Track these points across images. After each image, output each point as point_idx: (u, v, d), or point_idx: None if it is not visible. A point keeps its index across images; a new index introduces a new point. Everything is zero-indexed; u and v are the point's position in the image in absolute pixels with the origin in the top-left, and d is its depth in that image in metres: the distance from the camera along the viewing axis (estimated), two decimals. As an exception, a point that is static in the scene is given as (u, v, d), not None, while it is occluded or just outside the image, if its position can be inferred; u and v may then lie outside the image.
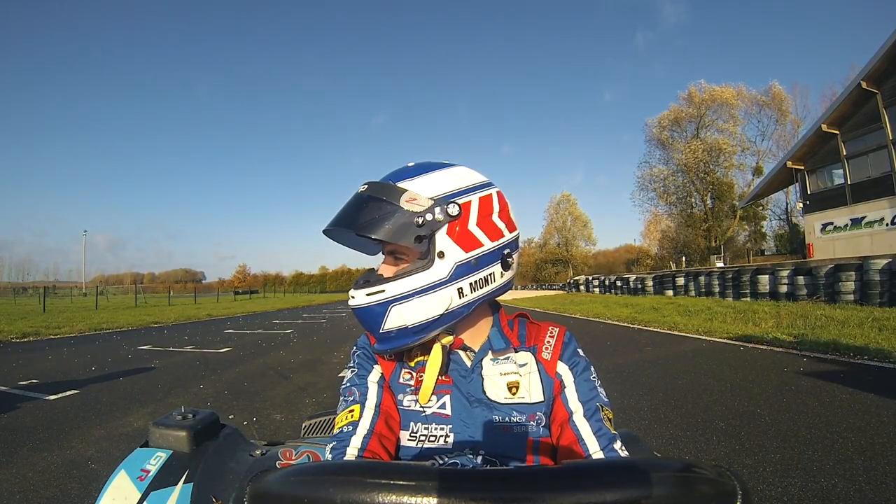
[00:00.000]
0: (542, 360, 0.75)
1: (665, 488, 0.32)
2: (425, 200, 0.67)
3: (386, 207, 0.67)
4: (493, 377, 0.74)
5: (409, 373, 0.76)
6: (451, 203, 0.68)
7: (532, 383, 0.74)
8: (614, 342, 7.52)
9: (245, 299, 38.20)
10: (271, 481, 0.35)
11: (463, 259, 0.68)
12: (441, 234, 0.67)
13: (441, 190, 0.69)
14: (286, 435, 3.12)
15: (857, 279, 9.69)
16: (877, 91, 15.13)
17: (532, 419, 0.71)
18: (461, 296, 0.68)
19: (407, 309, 0.67)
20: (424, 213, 0.66)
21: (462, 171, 0.73)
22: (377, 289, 0.68)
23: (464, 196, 0.70)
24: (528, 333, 0.80)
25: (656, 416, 3.36)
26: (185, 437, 0.90)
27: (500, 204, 0.73)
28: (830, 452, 2.51)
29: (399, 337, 0.69)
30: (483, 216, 0.70)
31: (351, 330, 10.85)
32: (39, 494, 2.28)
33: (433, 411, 0.72)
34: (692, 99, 36.01)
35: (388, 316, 0.68)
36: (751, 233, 38.12)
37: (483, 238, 0.70)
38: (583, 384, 0.73)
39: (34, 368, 5.80)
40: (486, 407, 0.72)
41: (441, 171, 0.72)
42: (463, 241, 0.68)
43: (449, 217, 0.67)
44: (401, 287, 0.67)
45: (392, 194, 0.67)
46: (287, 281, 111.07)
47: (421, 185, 0.69)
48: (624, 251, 59.97)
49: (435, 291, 0.67)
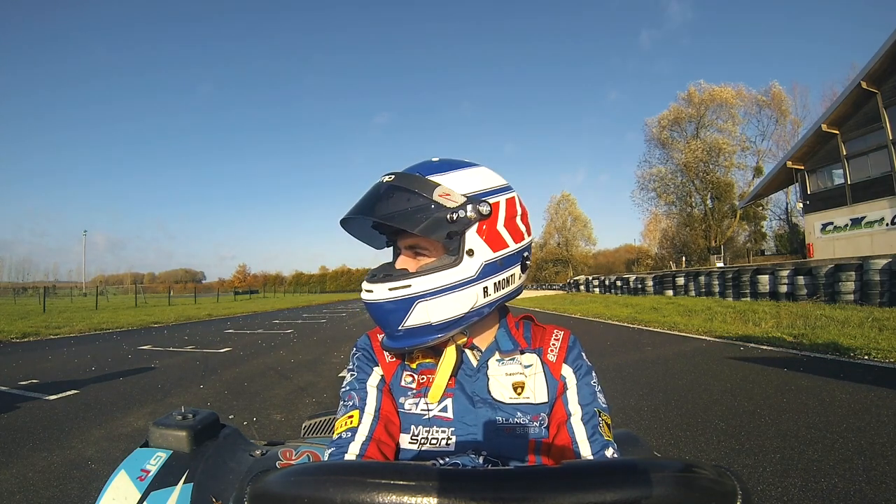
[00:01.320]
0: (548, 362, 0.76)
1: (665, 488, 0.32)
2: (458, 197, 0.67)
3: (418, 200, 0.65)
4: (498, 377, 0.74)
5: (411, 375, 0.75)
6: (483, 202, 0.68)
7: (538, 384, 0.74)
8: (614, 342, 7.51)
9: (245, 299, 38.22)
10: (271, 481, 0.35)
11: (491, 258, 0.68)
12: (471, 232, 0.67)
13: (473, 188, 0.69)
14: (286, 435, 3.12)
15: (857, 279, 9.69)
16: (877, 91, 15.13)
17: (536, 420, 0.71)
18: (485, 295, 0.68)
19: (434, 306, 0.66)
20: (457, 210, 0.66)
21: (487, 171, 0.73)
22: (402, 283, 0.66)
23: (493, 196, 0.70)
24: (533, 335, 0.80)
25: (656, 416, 3.36)
26: (185, 437, 0.89)
27: (522, 208, 0.74)
28: (830, 452, 2.50)
29: (420, 334, 0.68)
30: (509, 217, 0.71)
31: (351, 330, 10.85)
32: (39, 494, 2.28)
33: (434, 414, 0.71)
34: (692, 99, 36.04)
35: (413, 312, 0.66)
36: (751, 233, 38.11)
37: (509, 239, 0.70)
38: (584, 388, 0.74)
39: (34, 368, 5.81)
40: (490, 407, 0.71)
41: (469, 170, 0.71)
42: (492, 240, 0.68)
43: (480, 216, 0.67)
44: (429, 283, 0.66)
45: (425, 187, 0.66)
46: (287, 281, 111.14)
47: (453, 181, 0.68)
48: (624, 251, 59.95)
49: (463, 289, 0.67)
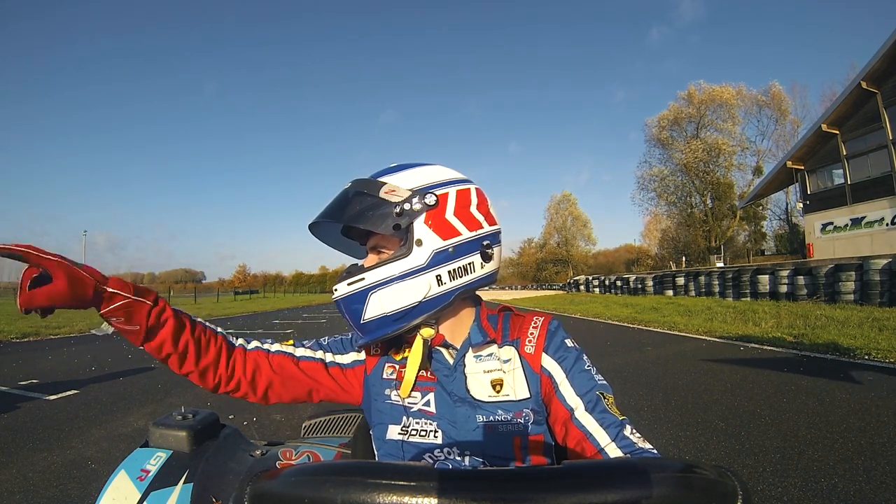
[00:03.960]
0: (526, 355, 0.74)
1: (665, 488, 0.32)
2: (404, 191, 0.70)
3: (367, 199, 0.70)
4: (476, 375, 0.73)
5: (393, 367, 0.78)
6: (429, 194, 0.70)
7: (517, 380, 0.73)
8: (614, 342, 7.51)
9: (245, 299, 38.19)
10: (271, 481, 0.35)
11: (440, 247, 0.70)
12: (419, 223, 0.69)
13: (419, 182, 0.72)
14: (286, 435, 3.12)
15: (857, 279, 9.70)
16: (877, 91, 15.12)
17: (518, 417, 0.70)
18: (440, 283, 0.70)
19: (385, 295, 0.69)
20: (403, 203, 0.69)
21: (440, 168, 0.76)
22: (357, 277, 0.71)
23: (441, 188, 0.72)
24: (511, 326, 0.79)
25: (656, 416, 3.36)
26: (185, 437, 0.89)
27: (479, 198, 0.76)
28: (830, 452, 2.50)
29: (380, 326, 0.71)
30: (460, 207, 0.72)
31: (351, 330, 10.84)
32: (39, 494, 2.28)
33: (419, 408, 0.73)
34: (692, 99, 36.02)
35: (368, 304, 0.70)
36: (751, 233, 38.13)
37: (461, 227, 0.71)
38: (577, 376, 0.72)
39: (34, 368, 5.80)
40: (471, 406, 0.71)
41: (420, 168, 0.75)
42: (440, 229, 0.70)
43: (427, 206, 0.69)
44: (380, 274, 0.69)
45: (373, 187, 0.71)
46: (287, 281, 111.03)
47: (400, 179, 0.72)
48: (624, 251, 59.98)
49: (413, 278, 0.69)
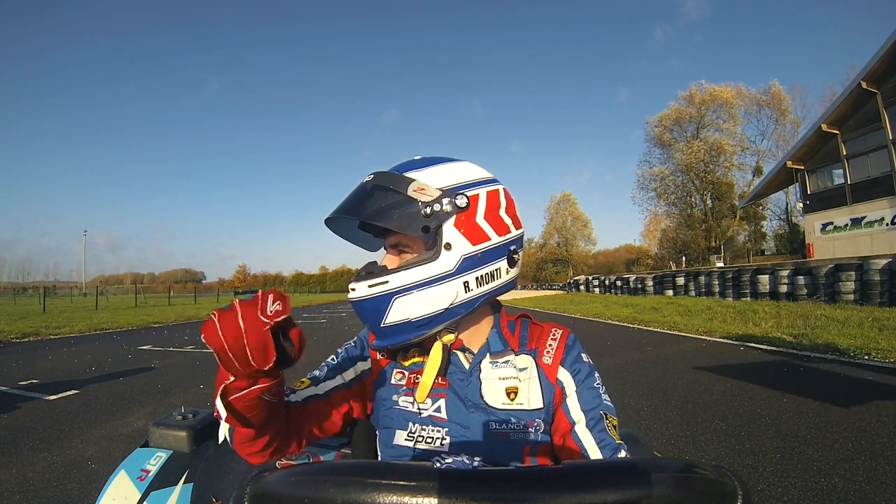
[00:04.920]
0: (543, 366, 0.73)
1: (665, 488, 0.32)
2: (433, 191, 0.65)
3: (393, 196, 0.65)
4: (491, 381, 0.71)
5: (402, 373, 0.75)
6: (460, 195, 0.66)
7: (532, 389, 0.71)
8: (614, 342, 7.51)
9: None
10: (271, 481, 0.35)
11: (470, 252, 0.66)
12: (448, 226, 0.65)
13: (449, 181, 0.67)
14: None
15: (857, 279, 9.68)
16: (877, 91, 15.12)
17: (531, 426, 0.69)
18: (467, 290, 0.66)
19: (411, 301, 0.65)
20: (433, 203, 0.64)
21: (469, 165, 0.72)
22: (380, 280, 0.66)
23: (472, 189, 0.68)
24: (529, 335, 0.77)
25: (656, 416, 3.36)
26: (185, 437, 0.90)
27: (507, 200, 0.72)
28: (830, 452, 2.50)
29: (401, 332, 0.67)
30: (491, 210, 0.69)
31: (351, 330, 10.84)
32: (39, 494, 2.28)
33: (429, 414, 0.71)
34: (692, 99, 36.00)
35: (391, 309, 0.66)
36: (751, 233, 38.11)
37: (490, 232, 0.68)
38: (585, 392, 0.71)
39: (34, 368, 5.80)
40: (483, 412, 0.70)
41: (449, 164, 0.70)
42: (470, 233, 0.66)
43: (457, 208, 0.65)
44: (406, 278, 0.65)
45: (399, 183, 0.66)
46: (287, 281, 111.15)
47: (429, 176, 0.67)
48: (624, 251, 59.93)
49: (441, 284, 0.65)
